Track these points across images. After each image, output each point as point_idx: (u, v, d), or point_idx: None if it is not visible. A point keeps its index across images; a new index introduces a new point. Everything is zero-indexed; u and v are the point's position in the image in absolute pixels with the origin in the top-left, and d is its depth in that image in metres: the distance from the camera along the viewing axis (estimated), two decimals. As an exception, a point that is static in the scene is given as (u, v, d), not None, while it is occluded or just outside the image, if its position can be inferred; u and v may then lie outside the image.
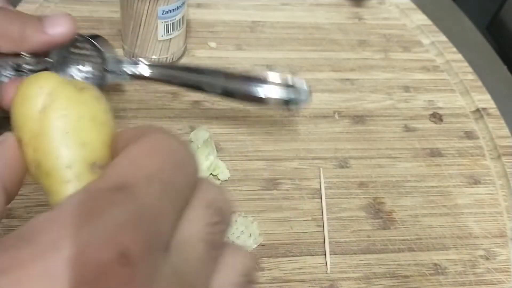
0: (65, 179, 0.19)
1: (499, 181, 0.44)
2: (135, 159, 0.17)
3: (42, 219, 0.16)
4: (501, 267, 0.38)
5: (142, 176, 0.17)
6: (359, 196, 0.41)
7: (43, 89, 0.20)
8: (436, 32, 0.57)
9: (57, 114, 0.20)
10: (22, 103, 0.20)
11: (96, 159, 0.20)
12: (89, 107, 0.21)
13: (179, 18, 0.46)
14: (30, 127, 0.20)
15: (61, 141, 0.20)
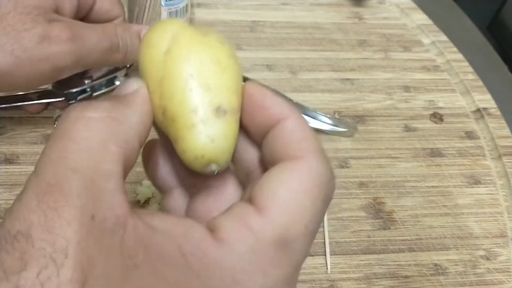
0: (190, 124, 0.19)
1: (499, 181, 0.44)
2: (297, 199, 0.17)
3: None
4: (501, 267, 0.38)
5: (301, 227, 0.17)
6: (359, 196, 0.41)
7: (167, 33, 0.20)
8: (437, 31, 0.57)
9: (180, 56, 0.19)
10: (147, 48, 0.20)
11: (221, 103, 0.19)
12: (212, 50, 0.20)
13: (183, 6, 0.47)
14: (155, 72, 0.20)
15: (185, 85, 0.19)
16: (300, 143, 0.19)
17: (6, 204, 0.37)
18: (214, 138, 0.19)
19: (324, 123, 0.45)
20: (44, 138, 0.41)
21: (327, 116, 0.45)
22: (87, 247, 0.15)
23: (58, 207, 0.15)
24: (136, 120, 0.18)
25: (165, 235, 0.16)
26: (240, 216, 0.17)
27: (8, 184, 0.38)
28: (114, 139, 0.17)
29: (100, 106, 0.17)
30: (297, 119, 0.19)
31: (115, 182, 0.16)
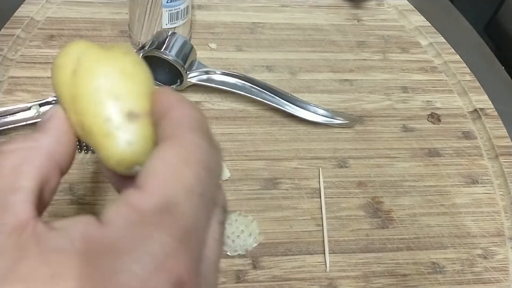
0: (106, 132, 0.20)
1: (496, 181, 0.44)
2: (175, 170, 0.18)
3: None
4: (498, 266, 0.38)
5: (183, 192, 0.18)
6: (358, 195, 0.41)
7: (72, 54, 0.21)
8: (434, 33, 0.58)
9: (85, 73, 0.21)
10: (57, 71, 0.21)
11: (132, 108, 0.20)
12: (116, 62, 0.21)
13: (184, 7, 0.47)
14: (67, 92, 0.21)
15: (94, 98, 0.20)
16: (180, 124, 0.19)
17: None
18: (132, 141, 0.20)
19: (324, 117, 0.45)
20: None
21: (328, 109, 0.45)
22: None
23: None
24: (50, 141, 0.20)
25: (58, 229, 0.18)
26: (122, 198, 0.18)
27: (11, 183, 0.38)
28: (26, 163, 0.19)
29: (16, 141, 0.20)
30: (181, 107, 0.20)
31: (23, 195, 0.18)
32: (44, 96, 0.44)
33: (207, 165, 0.19)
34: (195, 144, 0.19)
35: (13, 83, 0.45)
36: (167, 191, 0.17)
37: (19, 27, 0.50)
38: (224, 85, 0.46)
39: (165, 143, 0.19)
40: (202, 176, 0.18)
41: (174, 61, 0.44)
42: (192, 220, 0.18)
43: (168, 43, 0.44)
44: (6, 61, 0.47)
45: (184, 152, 0.18)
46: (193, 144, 0.19)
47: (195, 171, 0.18)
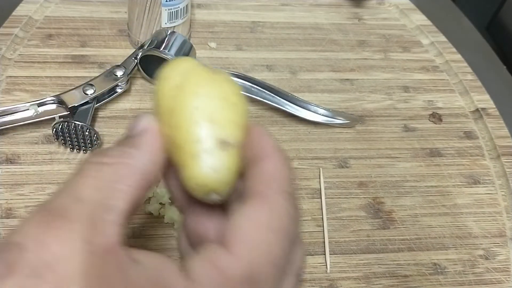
0: (194, 153, 0.20)
1: (498, 181, 0.44)
2: (264, 238, 0.18)
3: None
4: (500, 266, 0.38)
5: (269, 264, 0.18)
6: (358, 196, 0.41)
7: (179, 69, 0.22)
8: (436, 32, 0.57)
9: (188, 91, 0.21)
10: (161, 83, 0.22)
11: (226, 137, 0.20)
12: (220, 87, 0.21)
13: (183, 7, 0.47)
14: (166, 104, 0.21)
15: (192, 116, 0.20)
16: (270, 182, 0.20)
17: (7, 204, 0.37)
18: (217, 169, 0.20)
19: (325, 116, 0.45)
20: (45, 138, 0.41)
21: (329, 109, 0.45)
22: (73, 266, 0.16)
23: (56, 227, 0.17)
24: (145, 160, 0.20)
25: (142, 267, 0.17)
26: (208, 255, 0.18)
27: (9, 184, 0.38)
28: (122, 180, 0.19)
29: (112, 153, 0.19)
30: (276, 160, 0.20)
31: (115, 216, 0.18)
32: (42, 95, 0.44)
33: (292, 236, 0.19)
34: (285, 212, 0.19)
35: (11, 82, 0.45)
36: (254, 259, 0.18)
37: (17, 26, 0.49)
38: None
39: (256, 202, 0.19)
40: (286, 249, 0.19)
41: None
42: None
43: (168, 42, 0.44)
44: (4, 60, 0.47)
45: (274, 219, 0.19)
46: (283, 211, 0.19)
47: (282, 243, 0.19)
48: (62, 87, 0.45)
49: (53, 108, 0.41)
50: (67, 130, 0.39)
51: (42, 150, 0.41)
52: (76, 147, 0.40)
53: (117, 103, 0.45)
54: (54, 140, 0.40)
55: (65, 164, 0.40)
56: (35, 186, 0.38)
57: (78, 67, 0.47)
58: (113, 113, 0.44)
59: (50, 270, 0.16)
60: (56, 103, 0.41)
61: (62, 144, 0.41)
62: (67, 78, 0.46)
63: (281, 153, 0.21)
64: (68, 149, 0.41)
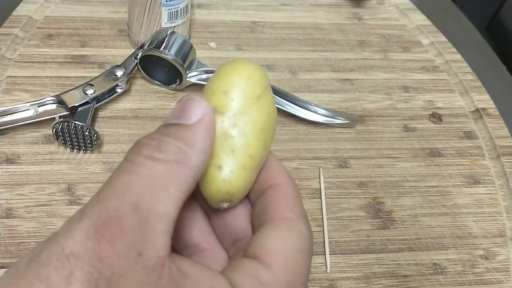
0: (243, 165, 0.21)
1: (498, 181, 0.44)
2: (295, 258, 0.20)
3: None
4: (500, 266, 0.38)
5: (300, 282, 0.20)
6: (358, 196, 0.41)
7: (263, 81, 0.22)
8: (436, 32, 0.57)
9: (266, 108, 0.22)
10: (246, 82, 0.21)
11: (263, 160, 0.22)
12: (275, 116, 0.23)
13: (183, 7, 0.47)
14: (242, 104, 0.21)
15: (257, 133, 0.21)
16: (292, 206, 0.21)
17: (7, 204, 0.37)
18: (246, 186, 0.22)
19: (325, 116, 0.45)
20: (45, 138, 0.41)
21: (329, 109, 0.45)
22: (129, 281, 0.16)
23: (112, 240, 0.16)
24: (198, 162, 0.19)
25: (193, 280, 0.18)
26: (252, 272, 0.19)
27: (9, 184, 0.38)
28: (175, 183, 0.18)
29: (167, 148, 0.18)
30: (292, 186, 0.22)
31: (166, 225, 0.18)
32: (42, 95, 0.44)
33: (311, 255, 0.21)
34: (307, 234, 0.21)
35: (12, 82, 0.45)
36: (290, 279, 0.19)
37: (17, 26, 0.49)
38: None
39: (284, 226, 0.20)
40: (309, 268, 0.20)
41: (173, 61, 0.43)
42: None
43: (168, 42, 0.44)
44: (4, 60, 0.47)
45: (301, 241, 0.20)
46: (306, 234, 0.21)
47: (308, 264, 0.20)
48: (62, 87, 0.45)
49: (53, 108, 0.41)
50: (67, 130, 0.39)
51: (42, 150, 0.41)
52: (76, 147, 0.40)
53: (117, 103, 0.45)
54: (54, 140, 0.40)
55: (65, 164, 0.40)
56: (35, 186, 0.38)
57: (78, 67, 0.47)
58: (113, 113, 0.44)
59: (109, 285, 0.16)
60: (56, 103, 0.41)
61: (62, 144, 0.41)
62: (67, 78, 0.46)
63: (292, 179, 0.23)
64: (68, 149, 0.41)
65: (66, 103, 0.40)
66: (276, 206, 0.21)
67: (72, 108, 0.40)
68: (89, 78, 0.43)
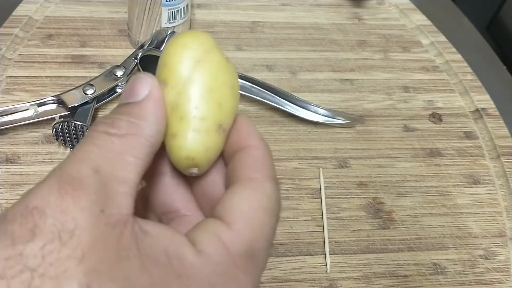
0: (196, 128, 0.21)
1: (498, 181, 0.44)
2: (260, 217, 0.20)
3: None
4: (500, 266, 0.38)
5: (264, 241, 0.20)
6: (358, 196, 0.41)
7: (203, 46, 0.23)
8: (436, 32, 0.57)
9: (209, 71, 0.22)
10: (182, 49, 0.22)
11: (224, 121, 0.22)
12: (231, 76, 0.23)
13: (183, 7, 0.47)
14: (181, 72, 0.22)
15: (204, 95, 0.22)
16: (260, 167, 0.22)
17: (7, 204, 0.37)
18: (208, 148, 0.22)
19: (325, 116, 0.45)
20: (45, 138, 0.41)
21: (329, 109, 0.45)
22: (91, 233, 0.17)
23: (75, 196, 0.17)
24: (152, 132, 0.20)
25: (154, 238, 0.18)
26: (213, 230, 0.20)
27: (9, 184, 0.38)
28: (131, 152, 0.19)
29: (120, 124, 0.20)
30: (263, 149, 0.22)
31: (127, 188, 0.19)
32: (42, 95, 0.44)
33: (277, 218, 0.21)
34: (273, 194, 0.21)
35: (11, 82, 0.45)
36: (253, 237, 0.20)
37: (17, 26, 0.49)
38: None
39: (250, 185, 0.21)
40: (275, 228, 0.21)
41: None
42: (263, 267, 0.20)
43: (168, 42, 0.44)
44: (4, 60, 0.47)
45: (266, 201, 0.21)
46: (273, 194, 0.21)
47: (273, 223, 0.21)
48: (62, 87, 0.45)
49: (53, 108, 0.41)
50: (67, 130, 0.39)
51: (42, 150, 0.41)
52: (70, 145, 0.40)
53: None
54: (54, 140, 0.40)
55: (65, 164, 0.40)
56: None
57: (78, 67, 0.47)
58: (113, 113, 0.44)
59: (72, 237, 0.16)
60: (56, 103, 0.41)
61: (62, 144, 0.41)
62: (67, 78, 0.46)
63: (265, 142, 0.23)
64: (68, 149, 0.41)
65: (66, 103, 0.40)
66: (244, 167, 0.22)
67: (72, 108, 0.40)
68: (89, 78, 0.43)
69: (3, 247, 0.16)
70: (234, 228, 0.20)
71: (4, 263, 0.16)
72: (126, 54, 0.46)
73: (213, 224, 0.20)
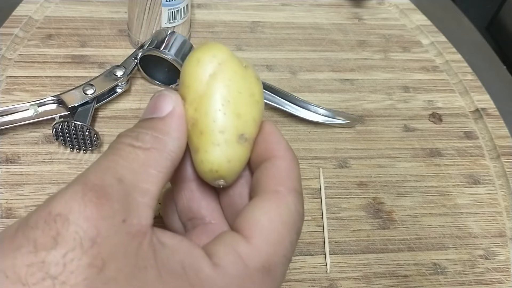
0: (215, 142, 0.21)
1: (498, 181, 0.44)
2: (279, 232, 0.20)
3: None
4: (500, 266, 0.38)
5: (282, 257, 0.20)
6: (358, 196, 0.41)
7: (216, 58, 0.22)
8: (436, 32, 0.57)
9: (223, 82, 0.22)
10: (196, 65, 0.22)
11: (245, 131, 0.22)
12: (249, 84, 0.23)
13: (183, 7, 0.47)
14: (196, 88, 0.22)
15: (221, 108, 0.22)
16: (284, 180, 0.21)
17: (7, 204, 0.37)
18: (231, 159, 0.22)
19: (325, 116, 0.45)
20: (45, 138, 0.41)
21: (329, 109, 0.45)
22: (112, 242, 0.17)
23: (98, 204, 0.17)
24: (174, 147, 0.21)
25: (171, 249, 0.19)
26: (231, 243, 0.20)
27: (9, 184, 0.38)
28: (154, 165, 0.20)
29: (145, 138, 0.20)
30: (289, 160, 0.22)
31: (148, 199, 0.19)
32: (42, 95, 0.44)
33: (298, 230, 0.21)
34: (295, 209, 0.21)
35: (11, 82, 0.45)
36: (271, 251, 0.20)
37: (17, 26, 0.49)
38: None
39: (272, 198, 0.21)
40: (294, 243, 0.21)
41: (173, 61, 0.43)
42: (280, 282, 0.20)
43: (168, 42, 0.44)
44: (4, 60, 0.47)
45: (287, 215, 0.21)
46: (294, 208, 0.21)
47: (292, 238, 0.21)
48: (62, 87, 0.45)
49: (53, 108, 0.41)
50: (67, 130, 0.39)
51: (42, 150, 0.41)
52: (76, 147, 0.40)
53: (117, 103, 0.45)
54: (54, 140, 0.40)
55: (65, 164, 0.40)
56: (35, 186, 0.38)
57: (78, 67, 0.47)
58: (113, 113, 0.44)
59: (93, 245, 0.17)
60: (56, 103, 0.41)
61: (62, 144, 0.41)
62: (67, 78, 0.46)
63: (292, 152, 0.23)
64: (68, 149, 0.41)
65: (66, 103, 0.40)
66: (267, 179, 0.21)
67: (72, 108, 0.40)
68: (89, 78, 0.43)
69: (26, 254, 0.16)
70: (253, 242, 0.20)
71: (26, 270, 0.16)
72: (126, 54, 0.46)
73: (231, 238, 0.20)
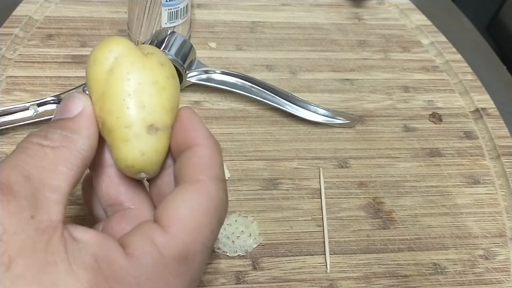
0: (124, 138, 0.21)
1: (498, 181, 0.44)
2: (197, 220, 0.20)
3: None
4: (500, 266, 0.38)
5: (200, 244, 0.20)
6: (358, 196, 0.41)
7: (111, 53, 0.22)
8: (436, 32, 0.57)
9: (120, 77, 0.21)
10: (93, 65, 0.22)
11: (154, 121, 0.21)
12: (151, 72, 0.22)
13: (183, 7, 0.47)
14: (98, 87, 0.22)
15: (122, 103, 0.21)
16: (205, 168, 0.21)
17: (7, 204, 0.37)
18: (144, 152, 0.21)
19: (325, 116, 0.45)
20: (45, 138, 0.41)
21: (329, 109, 0.45)
22: (20, 239, 0.17)
23: (4, 201, 0.17)
24: (85, 145, 0.21)
25: (84, 244, 0.19)
26: (147, 233, 0.20)
27: (9, 184, 0.38)
28: (64, 162, 0.20)
29: (53, 137, 0.20)
30: (210, 148, 0.22)
31: (58, 195, 0.19)
32: (42, 95, 0.44)
33: (220, 218, 0.21)
34: (216, 196, 0.21)
35: (11, 82, 0.45)
36: (188, 239, 0.20)
37: (17, 26, 0.49)
38: (224, 84, 0.45)
39: (191, 187, 0.21)
40: (215, 231, 0.21)
41: (173, 60, 0.43)
42: (199, 271, 0.20)
43: (167, 42, 0.44)
44: (4, 60, 0.47)
45: (207, 203, 0.20)
46: (215, 195, 0.21)
47: (213, 226, 0.20)
48: (62, 87, 0.45)
49: (53, 108, 0.41)
50: (67, 130, 0.39)
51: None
52: None
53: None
54: (54, 140, 0.40)
55: (65, 164, 0.40)
56: (35, 186, 0.38)
57: (78, 67, 0.47)
58: (113, 113, 0.44)
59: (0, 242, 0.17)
60: (56, 103, 0.41)
61: (62, 144, 0.41)
62: (67, 78, 0.46)
63: (213, 139, 0.22)
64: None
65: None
66: (188, 168, 0.21)
67: None
68: (89, 78, 0.43)
69: None
70: (169, 231, 0.19)
71: None
72: (126, 54, 0.46)
73: (148, 227, 0.20)
